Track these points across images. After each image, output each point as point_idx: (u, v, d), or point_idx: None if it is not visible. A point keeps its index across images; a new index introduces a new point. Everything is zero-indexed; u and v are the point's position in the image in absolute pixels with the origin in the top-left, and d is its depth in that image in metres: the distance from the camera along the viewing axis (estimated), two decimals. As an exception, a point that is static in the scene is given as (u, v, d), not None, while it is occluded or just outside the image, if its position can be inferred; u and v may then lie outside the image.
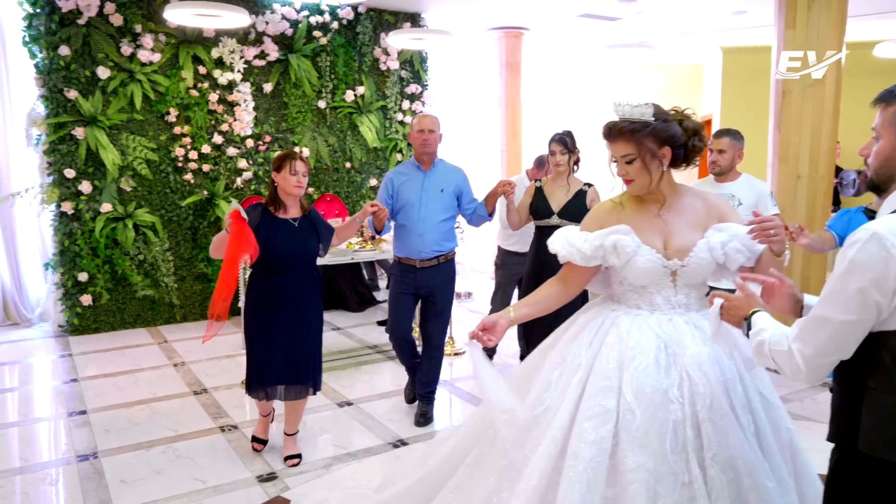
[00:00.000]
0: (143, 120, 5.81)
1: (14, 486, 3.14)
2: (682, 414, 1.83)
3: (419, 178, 3.75)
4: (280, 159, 3.15)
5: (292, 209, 3.19)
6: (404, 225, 3.74)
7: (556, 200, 3.89)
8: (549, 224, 3.84)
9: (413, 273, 3.74)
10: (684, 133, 1.99)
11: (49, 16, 5.36)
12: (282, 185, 3.14)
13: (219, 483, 3.14)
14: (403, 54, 7.01)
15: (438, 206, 3.74)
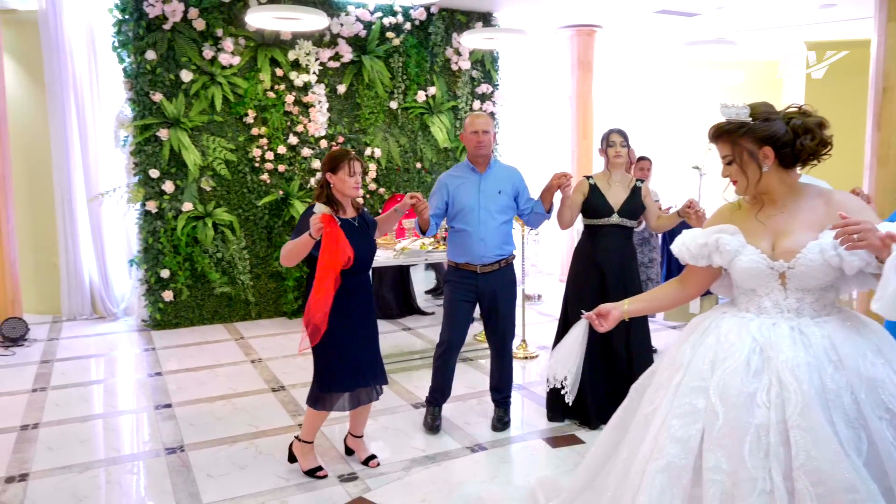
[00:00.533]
0: (223, 121, 5.97)
1: (104, 476, 3.25)
2: (766, 419, 1.77)
3: (475, 181, 3.62)
4: (336, 160, 3.00)
5: (348, 209, 3.10)
6: (464, 230, 3.60)
7: (615, 198, 3.72)
8: (609, 223, 3.72)
9: (474, 279, 3.63)
10: (790, 132, 1.91)
11: (137, 21, 5.56)
12: (339, 186, 3.01)
13: (301, 481, 3.17)
14: (475, 54, 6.98)
15: (497, 208, 3.63)
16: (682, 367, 1.98)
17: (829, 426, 1.72)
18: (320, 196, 3.05)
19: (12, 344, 5.41)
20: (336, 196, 3.04)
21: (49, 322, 6.18)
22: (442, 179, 3.68)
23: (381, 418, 3.94)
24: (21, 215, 6.10)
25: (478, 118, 3.62)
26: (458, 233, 3.64)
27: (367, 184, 6.60)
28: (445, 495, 3.02)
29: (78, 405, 4.18)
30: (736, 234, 1.99)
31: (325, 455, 3.44)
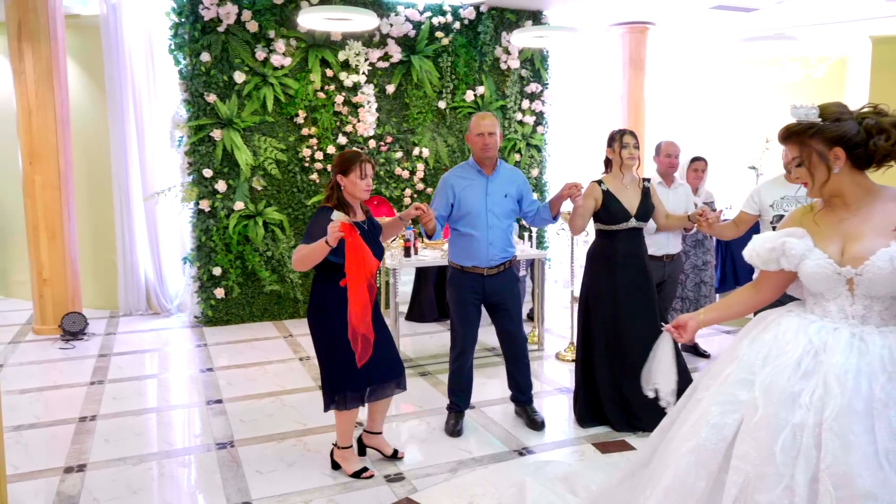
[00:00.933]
0: (274, 122, 6.05)
1: (157, 469, 3.32)
2: (804, 420, 1.77)
3: (482, 184, 3.56)
4: (347, 161, 2.96)
5: (358, 212, 3.04)
6: (471, 234, 3.54)
7: (630, 202, 3.65)
8: (626, 228, 3.65)
9: (480, 281, 3.59)
10: (862, 132, 1.85)
11: (192, 24, 5.68)
12: (350, 188, 2.97)
13: (348, 480, 3.17)
14: (524, 53, 6.91)
15: (503, 212, 3.59)
16: (735, 359, 2.01)
17: (865, 434, 1.70)
18: (330, 198, 3.00)
19: (72, 338, 5.59)
20: (346, 198, 3.00)
21: (107, 317, 6.38)
22: (447, 180, 3.59)
23: (428, 419, 3.93)
24: (82, 214, 6.30)
25: (483, 119, 3.53)
26: (463, 236, 3.58)
27: (414, 183, 6.61)
28: (493, 498, 2.98)
29: (133, 398, 4.29)
30: (804, 237, 1.95)
31: (372, 455, 3.44)
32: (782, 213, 3.59)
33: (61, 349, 5.34)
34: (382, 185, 6.46)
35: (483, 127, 3.50)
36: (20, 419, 3.93)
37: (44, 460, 3.39)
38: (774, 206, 3.63)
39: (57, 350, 5.32)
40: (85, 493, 3.06)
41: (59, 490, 3.08)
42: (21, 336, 5.79)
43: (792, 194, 3.62)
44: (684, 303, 4.81)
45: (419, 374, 4.73)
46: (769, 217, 3.64)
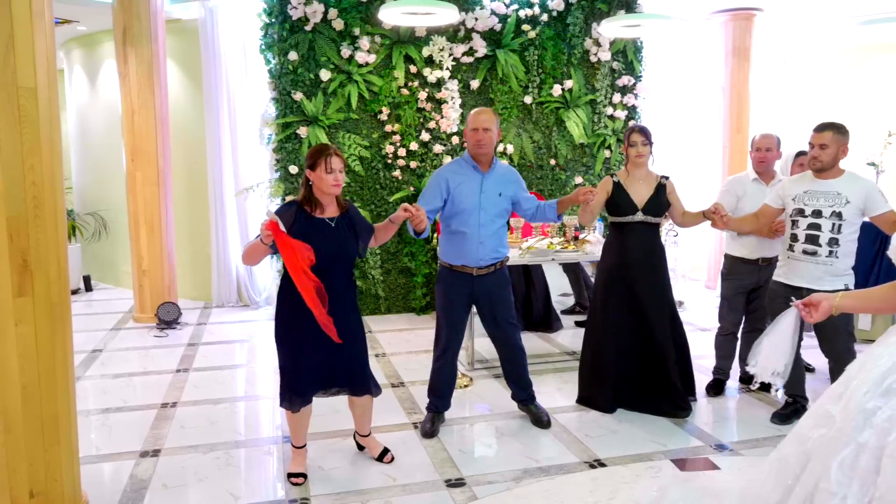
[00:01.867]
0: (358, 119, 6.09)
1: (224, 458, 3.37)
2: (869, 441, 1.64)
3: (477, 181, 3.46)
4: (314, 156, 2.88)
5: (329, 207, 2.94)
6: (463, 232, 3.46)
7: (639, 195, 3.72)
8: (634, 221, 3.72)
9: (469, 281, 3.51)
10: None
11: (281, 24, 5.81)
12: (318, 184, 2.88)
13: (408, 482, 3.10)
14: (616, 44, 6.60)
15: (497, 210, 3.50)
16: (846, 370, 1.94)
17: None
18: (301, 192, 2.96)
19: (167, 326, 5.86)
20: (316, 194, 2.90)
21: (200, 308, 6.65)
22: (442, 174, 3.50)
23: (497, 422, 3.79)
24: (179, 209, 6.60)
25: (480, 114, 3.45)
26: (454, 234, 3.50)
27: (498, 181, 6.45)
28: (556, 512, 2.81)
29: (213, 388, 4.41)
30: None
31: (436, 457, 3.35)
32: (802, 207, 3.48)
33: (155, 337, 5.61)
34: (465, 182, 6.36)
35: (479, 122, 3.41)
36: (109, 402, 4.13)
37: (124, 443, 3.53)
38: (796, 199, 3.52)
39: (151, 337, 5.59)
40: (155, 477, 3.15)
41: (132, 473, 3.19)
42: (122, 323, 6.14)
43: (817, 189, 3.47)
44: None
45: (493, 376, 4.59)
46: (790, 211, 3.55)
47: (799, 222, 3.50)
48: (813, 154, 3.44)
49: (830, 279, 3.43)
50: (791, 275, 3.54)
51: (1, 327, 2.45)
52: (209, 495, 2.98)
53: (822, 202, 3.44)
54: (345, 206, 3.02)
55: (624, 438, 3.56)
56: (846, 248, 3.43)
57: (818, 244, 3.43)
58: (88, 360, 5.02)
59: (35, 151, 2.48)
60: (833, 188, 3.43)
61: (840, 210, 3.39)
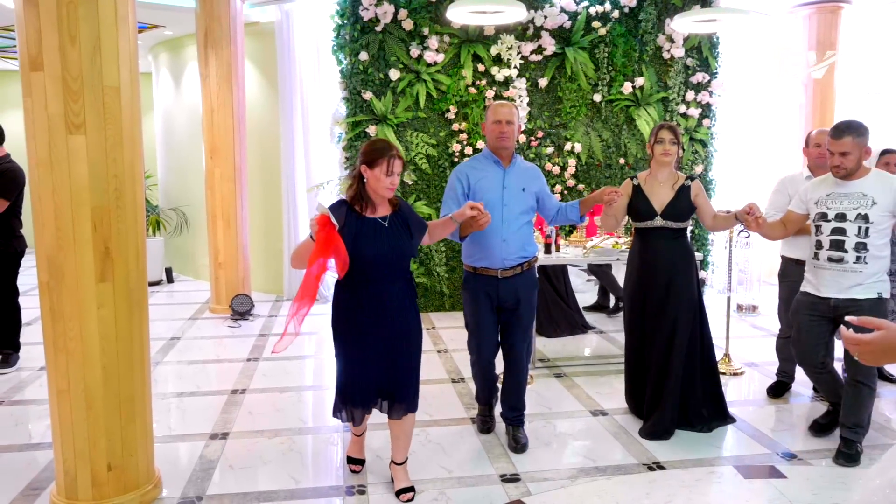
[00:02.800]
0: (426, 118, 6.17)
1: (287, 444, 3.49)
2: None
3: (498, 175, 3.27)
4: (374, 153, 2.65)
5: (381, 206, 2.74)
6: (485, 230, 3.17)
7: (659, 199, 3.52)
8: (654, 226, 3.53)
9: (494, 284, 3.28)
10: None
11: (353, 25, 5.95)
12: (373, 184, 2.66)
13: (463, 475, 3.13)
14: (690, 40, 6.43)
15: (521, 206, 3.28)
16: None
17: None
18: (350, 188, 2.73)
19: (240, 317, 6.11)
20: (368, 193, 2.70)
21: (272, 300, 6.90)
22: (461, 169, 3.32)
23: (556, 422, 3.77)
24: (254, 204, 6.87)
25: (502, 107, 3.27)
26: (476, 233, 3.18)
27: (565, 179, 6.41)
28: (610, 513, 2.78)
29: (280, 376, 4.57)
30: None
31: (492, 452, 3.37)
32: (825, 211, 3.27)
33: (229, 327, 5.85)
34: (532, 181, 6.34)
35: (500, 114, 3.24)
36: (184, 387, 4.35)
37: (195, 426, 3.72)
38: (819, 203, 3.31)
39: (226, 328, 5.84)
40: (223, 459, 3.30)
41: (202, 454, 3.36)
42: (199, 313, 6.43)
43: (840, 191, 3.24)
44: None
45: (554, 375, 4.56)
46: (813, 215, 3.35)
47: (822, 227, 3.28)
48: (834, 163, 3.19)
49: (859, 288, 3.21)
50: (818, 284, 3.31)
51: (84, 310, 2.63)
52: (271, 477, 3.10)
53: (845, 205, 3.21)
54: (396, 202, 2.82)
55: (685, 442, 3.47)
56: (876, 253, 3.19)
57: (844, 250, 3.20)
58: (167, 347, 5.30)
59: (118, 146, 2.65)
60: (858, 189, 3.20)
61: (866, 212, 3.16)
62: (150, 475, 2.92)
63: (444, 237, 3.07)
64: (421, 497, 2.93)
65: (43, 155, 2.56)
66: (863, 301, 3.18)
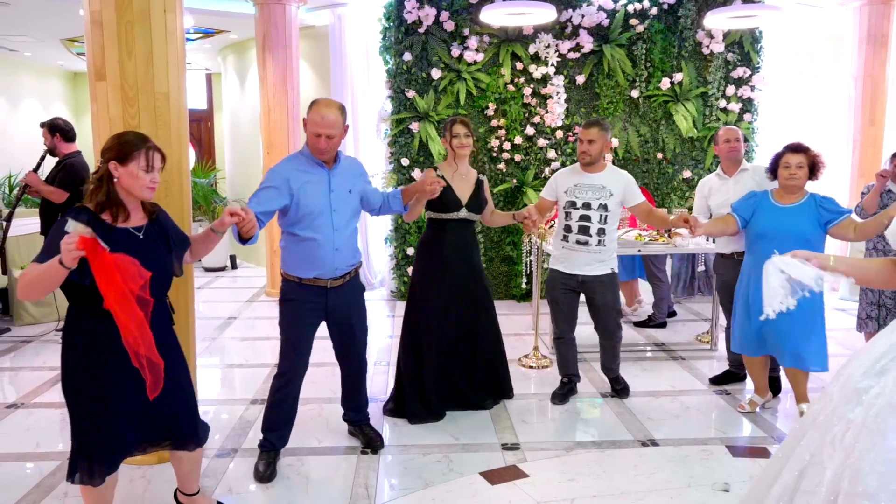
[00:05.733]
0: (466, 114, 6.46)
1: (316, 410, 3.88)
2: (858, 417, 1.70)
3: (323, 178, 2.99)
4: (126, 146, 2.24)
5: (135, 214, 2.29)
6: (312, 239, 2.95)
7: (462, 192, 3.67)
8: (457, 218, 3.68)
9: (323, 296, 3.05)
10: None
11: (398, 28, 6.31)
12: (127, 183, 2.23)
13: (468, 443, 3.44)
14: (731, 35, 6.47)
15: (350, 211, 3.08)
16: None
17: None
18: (95, 194, 2.23)
19: (292, 301, 6.59)
20: (120, 196, 2.25)
21: (324, 286, 7.37)
22: (281, 172, 2.95)
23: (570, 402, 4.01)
24: (308, 196, 7.33)
25: (324, 118, 2.87)
26: (302, 241, 2.97)
27: (602, 174, 6.57)
28: (596, 478, 3.03)
29: (321, 353, 4.85)
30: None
31: (499, 424, 3.66)
32: (573, 200, 3.77)
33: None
34: (569, 175, 6.54)
35: (321, 127, 2.88)
36: (233, 360, 4.84)
37: (239, 392, 4.18)
38: (568, 192, 3.82)
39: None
40: (259, 421, 3.72)
41: (241, 415, 3.80)
42: (256, 297, 6.97)
43: (597, 184, 3.77)
44: (881, 310, 4.20)
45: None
46: (563, 202, 3.86)
47: (571, 214, 3.78)
48: (582, 149, 3.76)
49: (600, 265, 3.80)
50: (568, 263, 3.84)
51: (138, 284, 3.08)
52: (298, 437, 3.48)
53: (590, 195, 3.75)
54: (153, 209, 2.38)
55: (686, 424, 3.67)
56: (612, 236, 3.82)
57: (589, 234, 3.75)
58: (224, 325, 5.83)
59: (167, 144, 3.07)
60: (598, 181, 3.76)
61: (606, 202, 3.73)
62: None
63: (207, 253, 2.67)
64: (426, 458, 3.26)
65: (105, 151, 3.02)
66: (603, 276, 3.81)
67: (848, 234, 3.49)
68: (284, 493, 2.97)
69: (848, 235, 3.50)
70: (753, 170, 4.18)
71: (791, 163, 3.50)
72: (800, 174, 3.49)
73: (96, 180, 2.24)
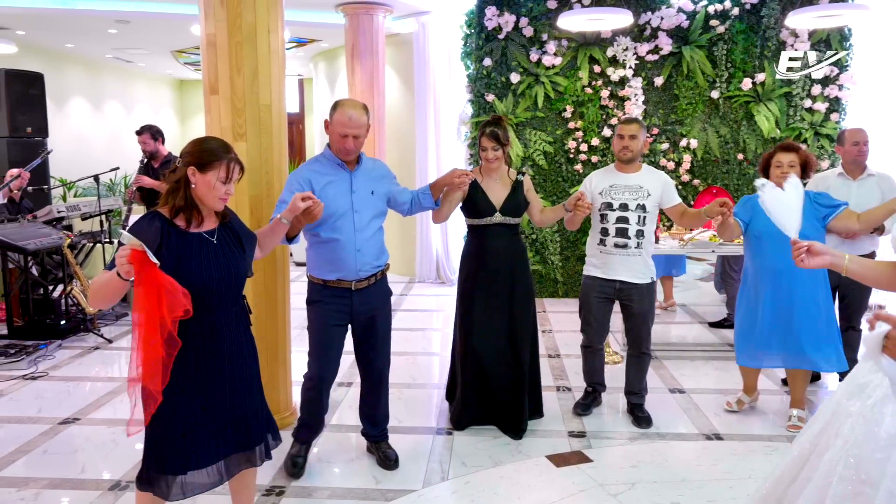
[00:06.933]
0: (544, 117, 6.65)
1: (403, 394, 4.20)
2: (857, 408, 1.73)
3: (345, 180, 3.00)
4: (208, 154, 2.15)
5: (208, 219, 2.22)
6: (335, 240, 2.95)
7: (496, 195, 3.51)
8: (493, 223, 3.52)
9: (348, 298, 3.03)
10: None
11: (478, 34, 6.57)
12: (202, 192, 2.15)
13: (537, 429, 3.66)
14: (817, 33, 6.35)
15: (372, 212, 3.06)
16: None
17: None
18: (172, 197, 2.15)
19: (375, 295, 6.98)
20: (195, 201, 2.17)
21: (405, 282, 7.73)
22: (302, 174, 2.99)
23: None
24: (392, 196, 7.71)
25: (351, 119, 2.92)
26: (324, 243, 2.98)
27: (680, 174, 6.61)
28: (657, 466, 3.18)
29: (402, 344, 5.31)
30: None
31: (568, 413, 3.86)
32: (609, 201, 3.61)
33: (365, 302, 6.74)
34: (646, 176, 6.62)
35: (349, 128, 2.93)
36: (322, 347, 5.22)
37: (327, 376, 4.55)
38: (603, 193, 3.65)
39: (362, 303, 6.74)
40: (344, 401, 4.09)
41: (330, 397, 4.15)
42: (342, 290, 7.41)
43: (634, 184, 3.61)
44: None
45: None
46: (598, 205, 3.67)
47: (608, 216, 3.60)
48: (623, 144, 3.59)
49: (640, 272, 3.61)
50: (605, 268, 3.66)
51: (243, 274, 3.47)
52: (380, 418, 3.81)
53: (626, 196, 3.58)
54: (224, 213, 2.29)
55: (752, 421, 3.75)
56: (651, 238, 3.64)
57: (628, 236, 3.57)
58: (313, 315, 6.26)
59: (269, 149, 3.46)
60: (636, 181, 3.59)
61: (643, 202, 3.56)
62: (288, 405, 3.75)
63: (275, 246, 2.67)
64: (496, 440, 3.52)
65: (217, 157, 3.44)
66: (642, 285, 3.61)
67: (851, 225, 3.48)
68: (367, 468, 3.28)
69: (852, 226, 3.49)
70: (880, 178, 4.00)
71: (783, 162, 3.48)
72: (792, 173, 3.47)
73: (173, 183, 2.16)
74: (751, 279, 3.65)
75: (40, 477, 3.17)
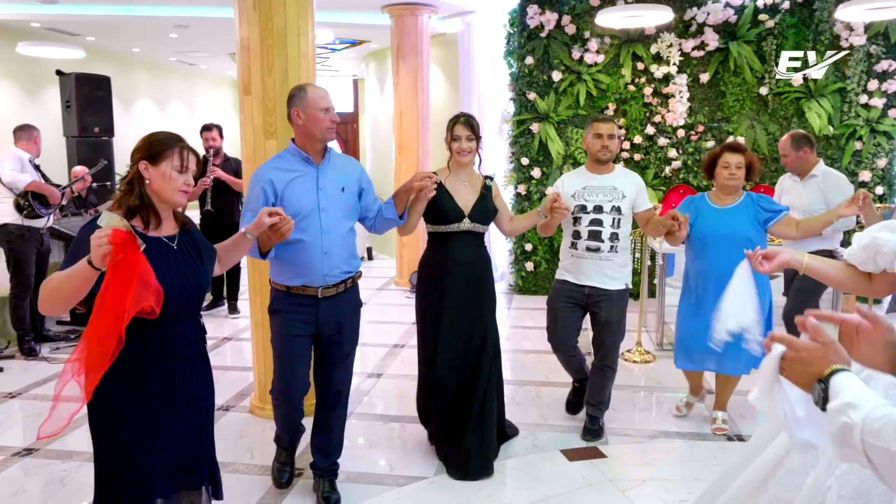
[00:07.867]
0: (586, 115, 6.62)
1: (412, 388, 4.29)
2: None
3: (311, 176, 2.72)
4: (158, 144, 1.97)
5: (167, 222, 2.03)
6: (300, 241, 2.64)
7: (465, 200, 3.16)
8: (459, 230, 3.14)
9: (313, 307, 2.73)
10: None
11: (520, 33, 6.61)
12: (159, 186, 1.97)
13: (556, 423, 3.70)
14: (875, 27, 6.10)
15: (342, 211, 2.76)
16: None
17: None
18: (125, 198, 1.96)
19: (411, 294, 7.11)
20: (152, 200, 1.98)
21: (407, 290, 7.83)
22: (261, 175, 2.70)
23: (659, 394, 4.14)
24: (436, 193, 7.83)
25: (323, 89, 2.78)
26: (288, 245, 2.62)
27: (726, 173, 6.46)
28: (672, 465, 3.18)
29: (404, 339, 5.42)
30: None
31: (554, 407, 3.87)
32: (583, 204, 3.42)
33: (406, 297, 6.88)
34: (690, 175, 6.50)
35: (328, 100, 2.75)
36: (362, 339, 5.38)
37: (359, 367, 4.69)
38: (576, 196, 3.46)
39: (404, 297, 6.87)
40: (373, 391, 4.22)
41: (359, 386, 4.30)
42: (386, 285, 7.58)
43: (608, 185, 3.43)
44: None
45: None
46: (572, 207, 3.44)
47: (581, 219, 3.41)
48: (603, 144, 3.36)
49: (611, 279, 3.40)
50: (577, 273, 3.45)
51: (273, 266, 3.64)
52: (405, 408, 3.93)
53: (601, 197, 3.39)
54: (183, 219, 2.11)
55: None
56: (625, 243, 3.44)
57: (601, 240, 3.38)
58: (354, 309, 6.44)
59: (299, 147, 3.61)
60: (610, 182, 3.40)
61: (618, 204, 3.38)
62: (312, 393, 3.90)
63: (238, 260, 2.44)
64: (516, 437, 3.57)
65: (249, 153, 3.62)
66: (612, 291, 3.39)
67: (790, 232, 3.40)
68: (385, 454, 3.41)
69: (790, 233, 3.41)
70: (822, 176, 4.12)
71: (731, 162, 3.39)
72: (739, 174, 3.39)
73: (125, 184, 1.99)
74: (692, 282, 3.53)
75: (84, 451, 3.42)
